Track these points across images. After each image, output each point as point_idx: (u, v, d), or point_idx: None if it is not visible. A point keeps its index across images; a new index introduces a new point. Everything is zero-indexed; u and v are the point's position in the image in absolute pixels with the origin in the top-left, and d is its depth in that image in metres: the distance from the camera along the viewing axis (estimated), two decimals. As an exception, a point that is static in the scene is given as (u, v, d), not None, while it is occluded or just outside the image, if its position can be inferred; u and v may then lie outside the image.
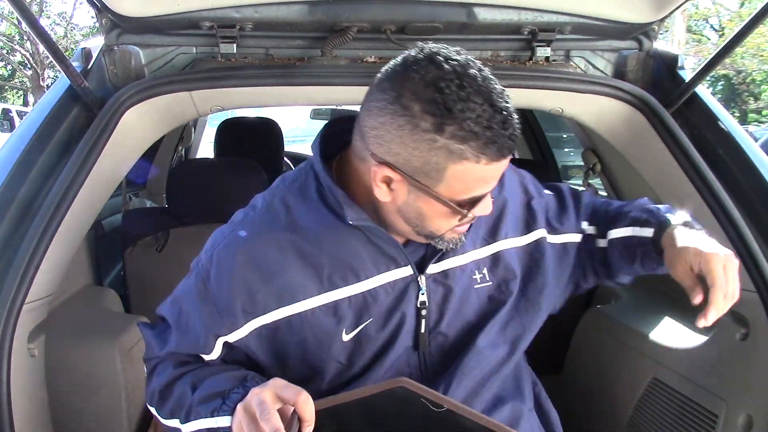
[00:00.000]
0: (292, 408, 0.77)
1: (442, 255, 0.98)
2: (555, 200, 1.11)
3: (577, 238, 1.10)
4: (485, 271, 1.02)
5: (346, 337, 0.95)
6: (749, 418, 1.26)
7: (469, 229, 0.98)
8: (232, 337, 0.96)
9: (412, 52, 0.84)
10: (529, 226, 1.06)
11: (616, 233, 1.08)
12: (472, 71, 0.81)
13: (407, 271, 0.97)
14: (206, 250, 0.99)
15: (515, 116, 0.83)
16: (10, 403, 1.17)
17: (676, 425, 1.45)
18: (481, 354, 1.00)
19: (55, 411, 1.40)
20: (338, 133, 0.99)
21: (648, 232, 1.04)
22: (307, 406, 0.76)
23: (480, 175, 0.84)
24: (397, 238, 0.95)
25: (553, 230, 1.08)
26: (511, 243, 1.04)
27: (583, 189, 1.20)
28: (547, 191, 1.12)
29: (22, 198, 1.25)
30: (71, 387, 1.50)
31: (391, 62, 0.86)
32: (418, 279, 0.97)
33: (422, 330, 0.98)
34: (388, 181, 0.87)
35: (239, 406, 0.80)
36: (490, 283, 1.02)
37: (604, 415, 1.61)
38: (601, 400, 1.72)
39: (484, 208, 0.90)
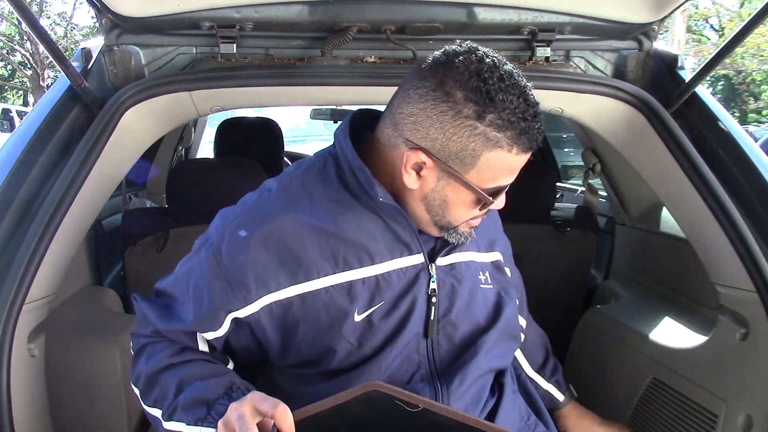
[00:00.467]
0: (272, 421, 0.78)
1: (451, 249, 1.03)
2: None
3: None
4: (488, 274, 1.08)
5: (358, 318, 0.97)
6: (749, 418, 1.26)
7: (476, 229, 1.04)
8: (243, 312, 0.97)
9: (453, 46, 0.90)
10: (496, 246, 1.16)
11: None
12: (508, 67, 0.89)
13: (419, 258, 1.00)
14: (216, 228, 1.00)
15: (541, 112, 0.90)
16: (10, 403, 1.17)
17: (676, 425, 1.45)
18: (491, 351, 1.04)
19: (55, 411, 1.40)
20: (360, 127, 1.03)
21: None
22: (285, 417, 0.77)
23: (509, 165, 0.90)
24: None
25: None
26: (500, 257, 1.14)
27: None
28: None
29: (22, 198, 1.25)
30: (71, 387, 1.50)
31: (433, 54, 0.92)
32: (429, 267, 1.00)
33: (432, 317, 1.00)
34: (418, 168, 0.92)
35: (220, 422, 0.81)
36: (492, 287, 1.08)
37: (604, 414, 1.60)
38: (601, 399, 1.72)
39: (501, 201, 0.97)
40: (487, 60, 0.87)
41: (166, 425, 0.95)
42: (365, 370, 0.97)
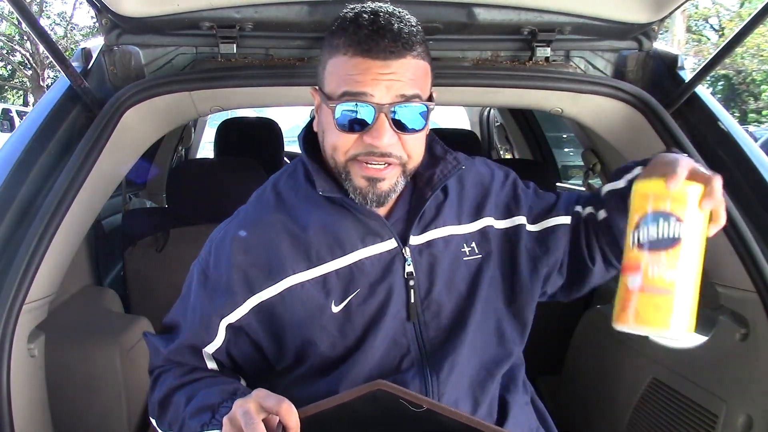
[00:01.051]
0: (277, 418, 0.79)
1: (425, 227, 1.03)
2: (536, 194, 1.15)
3: (565, 220, 1.11)
4: (474, 245, 1.06)
5: (335, 309, 0.98)
6: (749, 418, 1.26)
7: (431, 190, 1.02)
8: (234, 317, 1.00)
9: None
10: (510, 213, 1.10)
11: (610, 186, 1.06)
12: (392, 9, 0.93)
13: (392, 243, 1.00)
14: (204, 247, 1.06)
15: (396, 26, 0.91)
16: (10, 403, 1.17)
17: (675, 425, 1.45)
18: (480, 330, 1.03)
19: (55, 411, 1.40)
20: None
21: (620, 183, 1.04)
22: (290, 414, 0.78)
23: (348, 70, 0.91)
24: (379, 212, 1.00)
25: (533, 219, 1.10)
26: (493, 222, 1.08)
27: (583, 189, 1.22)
28: (529, 189, 1.16)
29: (22, 198, 1.25)
30: (71, 387, 1.50)
31: None
32: (403, 251, 1.00)
33: (412, 300, 1.00)
34: (317, 109, 0.99)
35: (225, 419, 0.81)
36: (480, 255, 1.05)
37: (604, 415, 1.61)
38: (600, 400, 1.72)
39: (373, 134, 0.92)
40: (382, 2, 0.94)
41: None
42: (354, 360, 0.98)
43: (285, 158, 3.05)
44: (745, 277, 1.24)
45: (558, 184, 2.96)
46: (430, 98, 0.96)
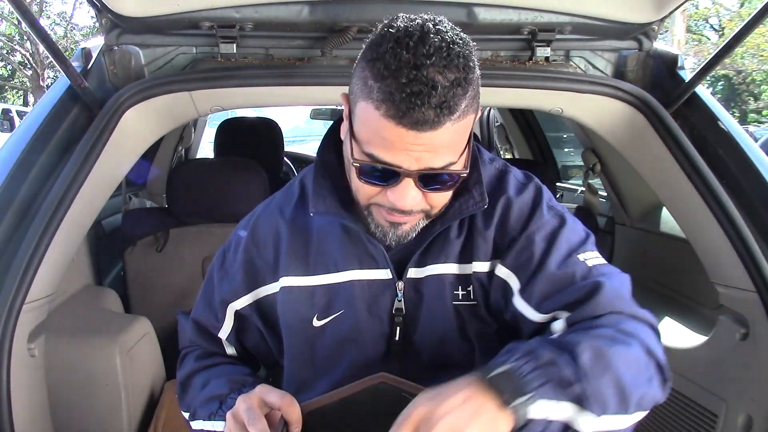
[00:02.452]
0: (280, 413, 0.79)
1: (425, 262, 0.94)
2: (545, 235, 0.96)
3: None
4: (470, 289, 0.96)
5: (317, 323, 0.97)
6: (749, 418, 1.26)
7: (441, 225, 0.92)
8: (239, 304, 1.02)
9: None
10: (495, 254, 0.96)
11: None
12: (432, 37, 0.77)
13: (386, 273, 0.95)
14: (233, 230, 1.07)
15: (438, 99, 0.76)
16: (10, 403, 1.17)
17: (676, 425, 1.45)
18: (461, 365, 0.93)
19: (55, 411, 1.40)
20: None
21: None
22: (293, 408, 0.78)
23: (376, 127, 0.79)
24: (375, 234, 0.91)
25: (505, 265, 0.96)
26: (481, 267, 0.96)
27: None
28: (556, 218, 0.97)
29: (22, 198, 1.25)
30: (71, 387, 1.50)
31: None
32: (396, 284, 0.95)
33: (396, 337, 0.95)
34: (346, 131, 0.88)
35: (228, 414, 0.82)
36: (474, 302, 0.96)
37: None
38: (601, 400, 1.72)
39: (397, 195, 0.82)
40: (419, 20, 0.80)
41: (193, 425, 0.99)
42: (322, 385, 0.96)
43: (285, 158, 3.06)
44: (745, 277, 1.24)
45: (558, 184, 2.96)
46: (468, 142, 0.85)
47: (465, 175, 0.86)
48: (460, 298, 0.95)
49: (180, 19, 1.34)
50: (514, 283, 0.93)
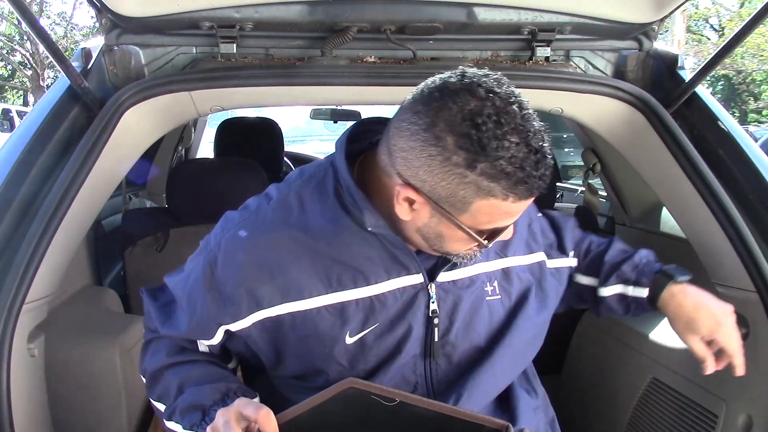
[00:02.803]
0: (257, 426, 0.80)
1: (453, 264, 0.98)
2: (548, 224, 1.17)
3: (571, 262, 1.17)
4: (496, 284, 1.03)
5: (349, 340, 0.95)
6: (749, 418, 1.26)
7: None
8: (235, 327, 0.96)
9: (453, 78, 0.82)
10: (530, 247, 1.09)
11: (607, 291, 1.16)
12: (513, 108, 0.79)
13: (418, 278, 0.96)
14: (215, 234, 0.99)
15: (549, 156, 0.82)
16: (10, 403, 1.16)
17: (675, 425, 1.45)
18: (493, 369, 1.01)
19: (55, 411, 1.40)
20: (365, 132, 0.99)
21: (642, 292, 1.13)
22: (268, 421, 0.79)
23: (506, 211, 0.84)
24: (410, 247, 0.95)
25: (548, 254, 1.13)
26: (518, 261, 1.06)
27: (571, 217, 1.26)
28: (539, 214, 1.17)
29: (22, 198, 1.25)
30: (71, 387, 1.50)
31: (429, 82, 0.84)
32: (428, 287, 0.97)
33: (435, 339, 0.97)
34: (410, 202, 0.86)
35: (208, 428, 0.83)
36: (500, 296, 1.03)
37: (604, 415, 1.61)
38: (600, 400, 1.72)
39: (506, 235, 0.91)
40: (487, 101, 0.78)
41: (167, 424, 0.98)
42: None
43: (285, 158, 3.06)
44: (745, 277, 1.24)
45: (558, 184, 2.96)
46: None
47: None
48: (489, 293, 1.02)
49: (180, 19, 1.34)
50: (542, 256, 1.11)
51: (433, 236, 0.89)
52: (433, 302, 0.97)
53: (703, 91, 1.43)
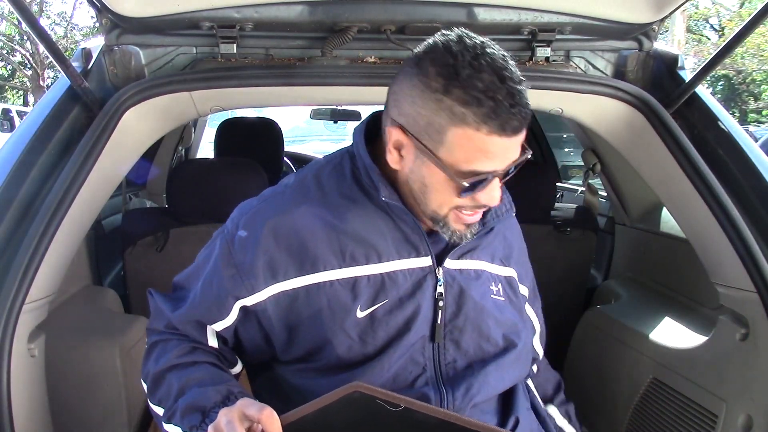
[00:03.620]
0: (260, 426, 0.80)
1: (462, 253, 1.02)
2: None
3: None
4: (500, 287, 1.07)
5: (360, 314, 0.97)
6: (749, 418, 1.26)
7: (484, 226, 1.03)
8: (251, 300, 0.98)
9: (447, 31, 0.90)
10: (521, 277, 1.15)
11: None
12: (491, 50, 0.87)
13: (427, 261, 1.00)
14: (232, 219, 1.03)
15: (525, 99, 0.87)
16: (10, 403, 1.16)
17: (676, 425, 1.45)
18: (502, 363, 1.03)
19: (55, 411, 1.40)
20: (379, 124, 1.02)
21: None
22: (272, 421, 0.79)
23: (480, 146, 0.86)
24: (423, 226, 0.99)
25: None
26: (517, 277, 1.12)
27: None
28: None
29: (22, 198, 1.25)
30: (71, 387, 1.50)
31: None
32: (436, 271, 1.00)
33: (438, 321, 1.00)
34: (399, 147, 0.92)
35: (210, 427, 0.83)
36: (504, 299, 1.07)
37: (604, 414, 1.61)
38: (601, 400, 1.72)
39: (490, 196, 0.92)
40: (469, 42, 0.87)
41: (166, 427, 0.98)
42: (368, 368, 0.97)
43: (285, 158, 3.06)
44: (745, 277, 1.24)
45: (558, 184, 2.96)
46: None
47: (530, 154, 0.95)
48: (494, 293, 1.06)
49: (180, 19, 1.34)
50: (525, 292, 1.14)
51: (418, 186, 0.93)
52: (440, 285, 1.00)
53: (703, 91, 1.43)
